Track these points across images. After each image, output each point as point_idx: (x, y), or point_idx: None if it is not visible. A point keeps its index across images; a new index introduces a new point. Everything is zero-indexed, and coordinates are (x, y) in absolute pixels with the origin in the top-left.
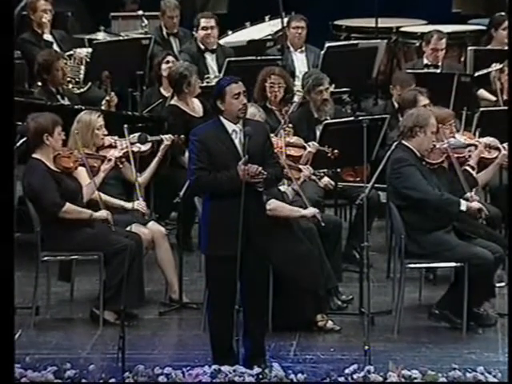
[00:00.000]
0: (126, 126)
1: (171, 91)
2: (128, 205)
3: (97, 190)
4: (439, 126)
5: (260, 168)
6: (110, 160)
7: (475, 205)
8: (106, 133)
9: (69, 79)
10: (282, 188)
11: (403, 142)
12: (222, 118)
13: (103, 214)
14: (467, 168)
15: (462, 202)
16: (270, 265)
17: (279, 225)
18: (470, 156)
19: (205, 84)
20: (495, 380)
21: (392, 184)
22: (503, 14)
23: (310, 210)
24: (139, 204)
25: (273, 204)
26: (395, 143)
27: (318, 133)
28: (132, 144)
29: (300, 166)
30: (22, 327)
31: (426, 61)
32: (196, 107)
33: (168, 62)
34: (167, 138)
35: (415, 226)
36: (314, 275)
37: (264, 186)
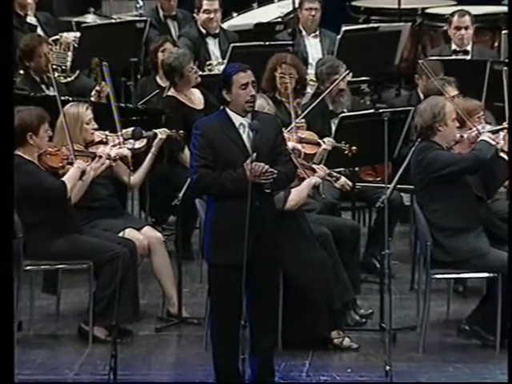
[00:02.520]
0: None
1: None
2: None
3: (85, 191)
4: (467, 118)
5: (266, 166)
6: (100, 157)
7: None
8: (95, 127)
9: (54, 67)
10: None
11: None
12: (228, 109)
13: (81, 163)
14: (502, 155)
15: (484, 136)
16: (279, 274)
17: (290, 230)
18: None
19: (206, 72)
20: None
21: (420, 177)
22: None
23: (316, 178)
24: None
25: (294, 197)
26: (418, 140)
27: (333, 127)
28: (125, 140)
29: (314, 166)
30: None
31: (453, 46)
32: (196, 98)
33: (165, 50)
34: (161, 132)
35: (442, 227)
36: (328, 286)
37: (273, 186)
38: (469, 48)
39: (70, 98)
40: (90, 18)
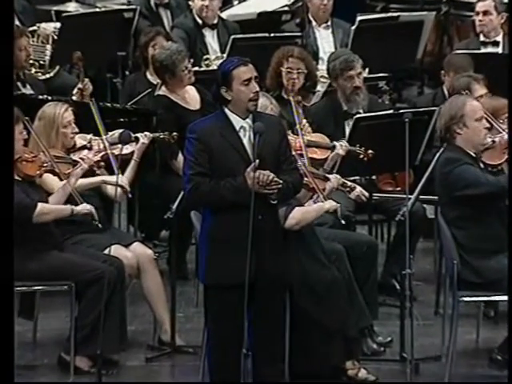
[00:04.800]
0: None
1: None
2: (111, 178)
3: (66, 202)
4: (492, 119)
5: (272, 175)
6: (82, 159)
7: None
8: (76, 131)
9: (32, 62)
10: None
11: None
12: (227, 110)
13: (86, 207)
14: None
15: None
16: (285, 297)
17: (297, 246)
18: None
19: (203, 68)
20: None
21: (445, 192)
22: None
23: (331, 203)
24: (122, 179)
25: (297, 215)
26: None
27: (347, 129)
28: (112, 145)
29: (326, 175)
30: None
31: (482, 37)
32: (191, 98)
33: (156, 44)
34: (143, 137)
35: (471, 249)
36: (342, 311)
37: (278, 197)
38: (499, 39)
39: (49, 97)
40: (72, 7)
